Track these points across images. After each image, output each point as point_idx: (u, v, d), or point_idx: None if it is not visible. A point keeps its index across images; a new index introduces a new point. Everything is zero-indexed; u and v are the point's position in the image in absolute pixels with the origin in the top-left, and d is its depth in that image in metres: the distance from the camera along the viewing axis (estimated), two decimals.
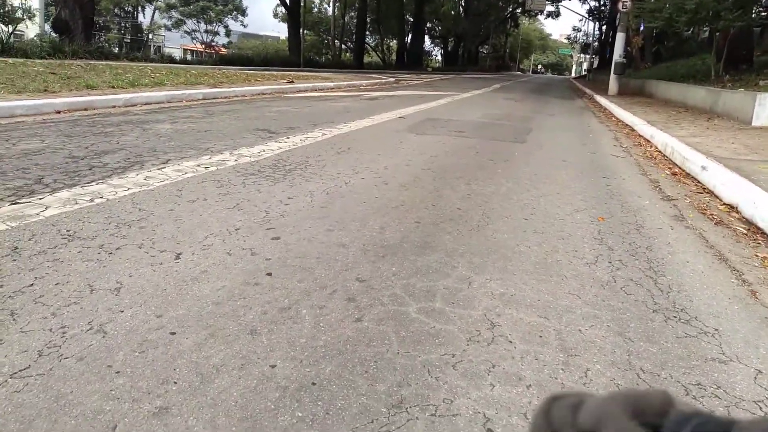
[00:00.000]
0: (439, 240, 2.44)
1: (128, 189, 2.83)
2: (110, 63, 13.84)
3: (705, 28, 25.09)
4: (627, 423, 0.25)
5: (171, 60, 22.67)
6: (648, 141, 6.62)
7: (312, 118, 6.51)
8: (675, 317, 1.89)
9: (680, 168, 4.94)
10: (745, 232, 3.02)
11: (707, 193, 4.02)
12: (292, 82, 13.21)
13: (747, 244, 2.78)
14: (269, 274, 1.89)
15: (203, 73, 12.80)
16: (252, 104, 8.08)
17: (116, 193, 2.74)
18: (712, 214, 3.34)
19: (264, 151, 4.23)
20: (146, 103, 7.68)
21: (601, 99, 13.71)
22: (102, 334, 1.43)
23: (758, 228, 3.09)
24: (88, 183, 2.88)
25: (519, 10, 56.70)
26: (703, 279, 2.25)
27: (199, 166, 3.54)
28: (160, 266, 1.90)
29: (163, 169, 3.35)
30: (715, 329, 1.81)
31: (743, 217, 3.36)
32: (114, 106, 6.78)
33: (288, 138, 4.87)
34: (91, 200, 2.57)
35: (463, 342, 1.57)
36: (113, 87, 8.21)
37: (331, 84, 14.08)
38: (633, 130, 7.80)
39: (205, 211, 2.57)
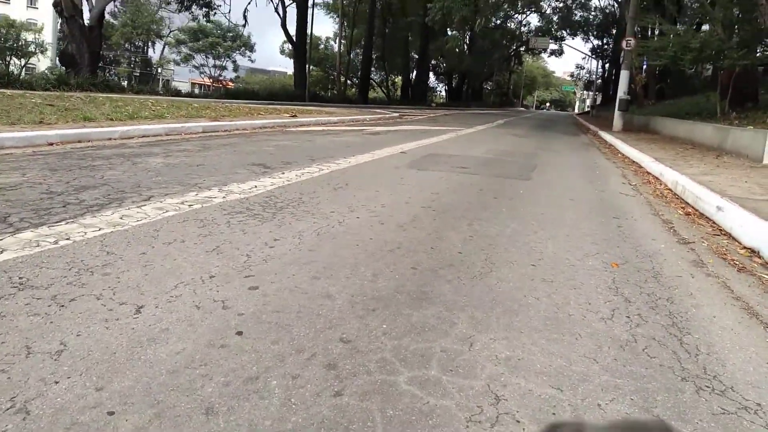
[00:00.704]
0: (437, 290, 2.20)
1: (99, 229, 2.60)
2: (113, 96, 13.88)
3: (708, 66, 25.24)
4: None
5: (176, 93, 22.89)
6: (657, 179, 6.41)
7: (311, 152, 6.34)
8: (708, 387, 1.63)
9: (693, 208, 4.71)
10: None
11: (725, 235, 3.78)
12: (295, 115, 13.16)
13: None
14: (239, 333, 1.65)
15: (206, 106, 12.78)
16: (252, 138, 7.95)
17: (85, 233, 2.52)
18: (733, 260, 3.09)
19: (256, 187, 4.02)
20: (143, 136, 7.55)
21: (605, 135, 13.59)
22: (23, 414, 1.18)
23: None
24: (56, 222, 2.66)
25: (523, 49, 57.58)
26: (735, 338, 1.99)
27: (183, 203, 3.33)
28: (115, 322, 1.66)
29: (142, 207, 3.14)
30: (757, 404, 1.55)
31: (766, 262, 3.11)
32: (110, 139, 6.64)
33: (283, 173, 4.68)
34: (56, 242, 2.35)
35: (462, 423, 1.32)
36: (111, 119, 8.11)
37: (335, 118, 14.05)
38: (641, 167, 7.60)
39: (180, 255, 2.34)
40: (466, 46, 49.55)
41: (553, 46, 50.44)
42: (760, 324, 2.15)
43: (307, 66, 28.91)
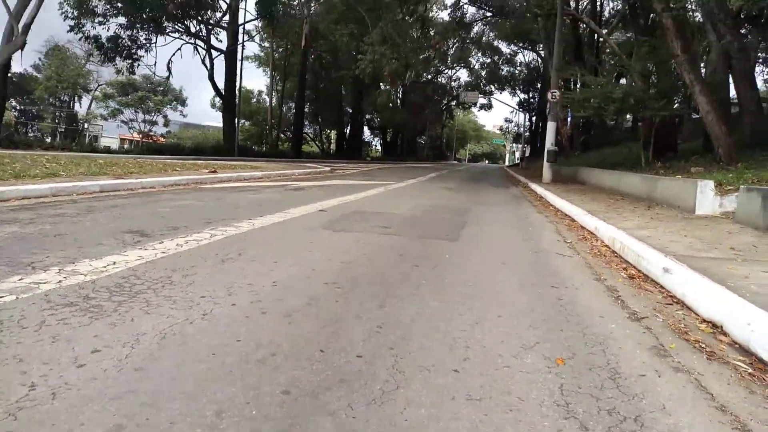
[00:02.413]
0: None
1: None
2: (12, 152, 12.55)
3: (628, 119, 26.59)
4: None
5: (93, 149, 21.43)
6: (592, 234, 6.02)
7: (212, 213, 5.53)
8: None
9: (636, 268, 4.25)
10: (749, 370, 2.21)
11: (677, 303, 3.27)
12: (215, 171, 12.31)
13: (764, 394, 1.94)
14: None
15: (113, 162, 11.72)
16: (153, 197, 7.04)
17: None
18: (697, 340, 2.54)
19: (114, 263, 3.17)
20: (23, 197, 6.52)
21: (536, 187, 13.53)
22: None
23: (762, 361, 2.30)
24: None
25: (453, 103, 59.60)
26: None
27: None
28: None
29: None
30: None
31: (734, 341, 2.58)
32: None
33: (162, 242, 3.85)
34: None
35: None
36: None
37: (259, 173, 13.29)
38: (574, 221, 7.26)
39: None
40: (399, 100, 50.58)
41: (482, 100, 52.50)
42: None
43: (236, 119, 28.13)
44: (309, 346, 2.08)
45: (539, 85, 40.40)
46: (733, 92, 14.75)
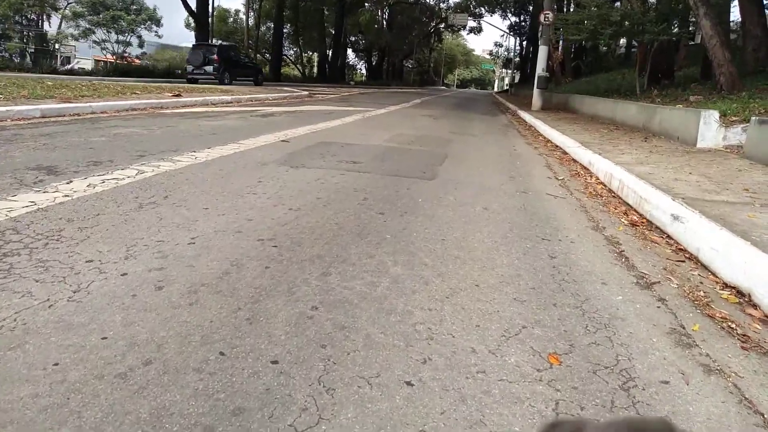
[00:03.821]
0: None
1: None
2: None
3: (622, 45, 25.37)
4: None
5: (53, 71, 19.90)
6: (586, 169, 5.41)
7: (153, 144, 4.78)
8: None
9: (637, 213, 3.68)
10: None
11: (690, 259, 2.72)
12: (179, 95, 11.32)
13: None
14: None
15: (63, 84, 10.66)
16: (97, 124, 6.22)
17: None
18: (723, 318, 1.99)
19: None
20: None
21: (525, 115, 12.77)
22: None
23: None
24: None
25: (442, 26, 57.01)
26: None
27: None
28: None
29: None
30: None
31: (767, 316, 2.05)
32: None
33: (70, 182, 3.15)
34: None
35: None
36: None
37: (229, 98, 12.30)
38: (565, 153, 6.63)
39: None
40: (384, 22, 48.09)
41: (471, 23, 50.17)
42: None
43: (210, 40, 26.32)
44: (205, 346, 1.47)
45: (531, 8, 38.38)
46: (735, 16, 13.81)
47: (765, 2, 12.43)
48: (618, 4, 17.61)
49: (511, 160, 5.62)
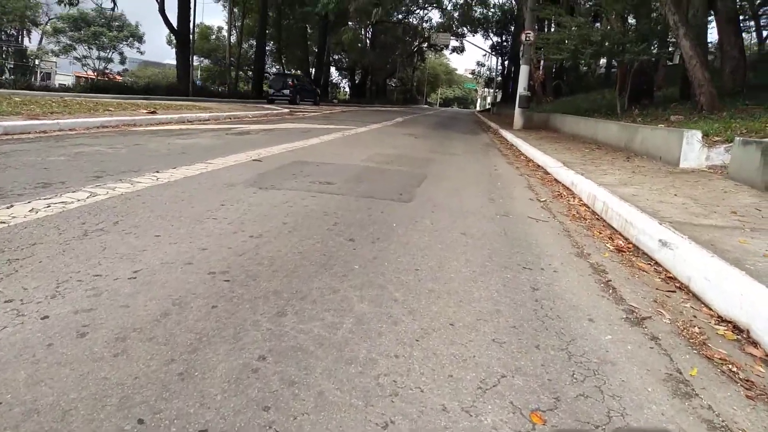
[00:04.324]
0: None
1: None
2: None
3: (601, 66, 25.71)
4: None
5: (28, 87, 19.49)
6: (569, 190, 5.26)
7: (115, 163, 4.52)
8: None
9: (623, 237, 3.51)
10: None
11: (681, 289, 2.54)
12: (154, 112, 11.05)
13: None
14: None
15: (33, 101, 10.34)
16: (62, 142, 5.93)
17: None
18: (723, 360, 1.79)
19: None
20: None
21: (506, 134, 12.72)
22: None
23: None
24: None
25: (425, 45, 57.56)
26: None
27: None
28: None
29: None
30: None
31: None
32: None
33: (11, 206, 2.89)
34: None
35: None
36: None
37: (206, 115, 12.05)
38: (547, 173, 6.50)
39: None
40: (368, 41, 48.36)
41: (454, 43, 50.66)
42: None
43: (191, 57, 26.10)
44: (122, 411, 1.22)
45: (513, 29, 38.91)
46: (712, 38, 14.00)
47: (741, 25, 12.61)
48: (598, 24, 17.82)
49: (491, 181, 5.45)
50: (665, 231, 3.05)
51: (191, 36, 26.23)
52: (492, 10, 45.82)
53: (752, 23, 19.33)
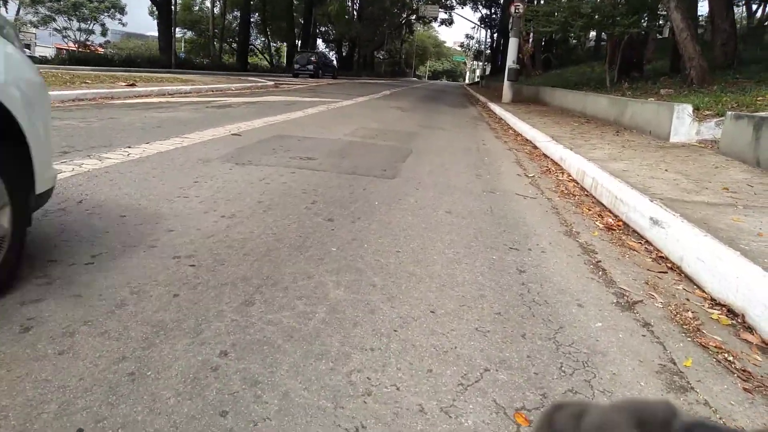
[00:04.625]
0: None
1: None
2: None
3: (591, 39, 25.41)
4: None
5: None
6: (557, 165, 5.14)
7: (85, 138, 4.31)
8: None
9: (613, 214, 3.41)
10: None
11: (673, 269, 2.45)
12: (133, 84, 10.72)
13: None
14: None
15: None
16: None
17: None
18: (718, 348, 1.71)
19: None
20: None
21: (495, 107, 12.53)
22: None
23: None
24: None
25: (413, 17, 56.60)
26: None
27: None
28: None
29: None
30: None
31: (766, 342, 1.78)
32: None
33: None
34: None
35: None
36: None
37: (188, 88, 11.71)
38: (536, 147, 6.37)
39: None
40: (355, 13, 47.39)
41: (443, 15, 49.87)
42: None
43: (173, 27, 25.37)
44: (59, 420, 1.09)
45: (502, 1, 38.29)
46: (702, 11, 13.81)
47: None
48: None
49: (479, 156, 5.31)
50: (656, 208, 2.94)
51: (173, 7, 25.46)
52: None
53: None
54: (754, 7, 20.74)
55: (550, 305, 1.90)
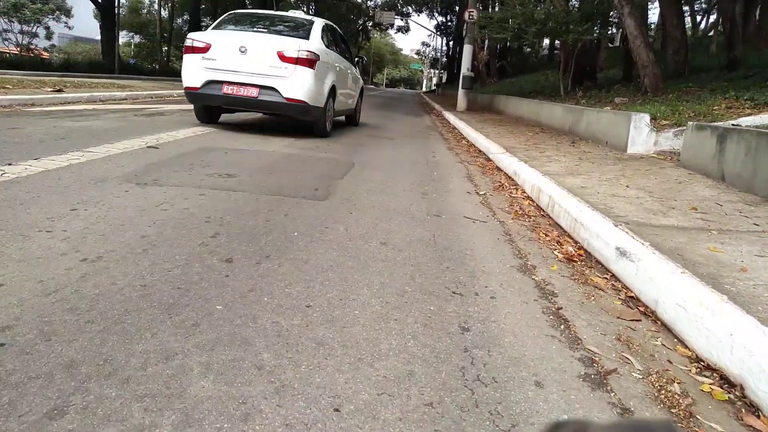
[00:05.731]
0: None
1: None
2: None
3: (545, 47, 25.63)
4: None
5: None
6: (511, 180, 4.74)
7: None
8: None
9: (572, 239, 3.00)
10: None
11: (648, 316, 2.02)
12: (60, 90, 9.86)
13: None
14: None
15: None
16: None
17: None
18: None
19: None
20: None
21: (449, 116, 12.20)
22: None
23: None
24: None
25: (370, 24, 56.44)
26: None
27: None
28: None
29: None
30: None
31: None
32: None
33: None
34: None
35: None
36: None
37: (123, 94, 10.89)
38: (489, 159, 5.97)
39: None
40: None
41: (399, 22, 49.89)
42: None
43: (116, 30, 24.13)
44: None
45: (457, 8, 38.46)
46: (653, 19, 13.91)
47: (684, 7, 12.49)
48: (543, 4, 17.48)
49: (428, 170, 4.85)
50: (622, 235, 2.53)
51: (116, 9, 24.25)
52: None
53: (686, 8, 19.57)
54: (698, 18, 21.32)
55: (500, 385, 1.41)
